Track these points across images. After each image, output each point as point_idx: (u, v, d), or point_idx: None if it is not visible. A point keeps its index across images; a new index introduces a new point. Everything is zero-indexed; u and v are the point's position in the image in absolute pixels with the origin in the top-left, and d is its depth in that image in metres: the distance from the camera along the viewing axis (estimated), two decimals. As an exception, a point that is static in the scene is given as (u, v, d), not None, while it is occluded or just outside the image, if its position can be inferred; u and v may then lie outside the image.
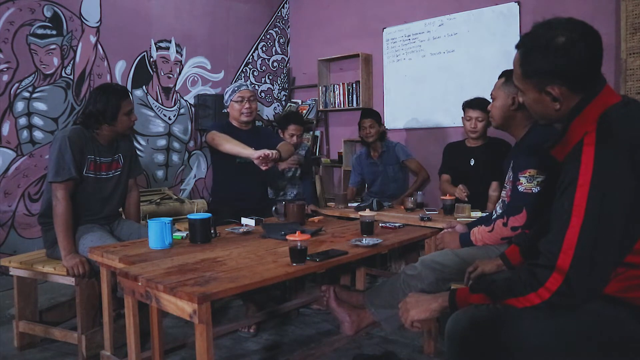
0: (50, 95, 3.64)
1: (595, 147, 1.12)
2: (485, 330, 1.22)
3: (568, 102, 1.23)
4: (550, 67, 1.20)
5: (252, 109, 2.90)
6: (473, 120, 3.03)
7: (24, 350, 2.42)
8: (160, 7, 4.32)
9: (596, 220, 1.09)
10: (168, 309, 1.43)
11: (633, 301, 1.16)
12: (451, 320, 1.28)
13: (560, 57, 1.19)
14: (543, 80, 1.23)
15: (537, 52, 1.23)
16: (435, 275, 1.97)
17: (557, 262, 1.12)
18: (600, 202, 1.09)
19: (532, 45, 1.25)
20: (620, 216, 1.10)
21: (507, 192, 2.01)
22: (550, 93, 1.23)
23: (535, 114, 1.34)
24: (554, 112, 1.25)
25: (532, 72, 1.25)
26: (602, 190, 1.10)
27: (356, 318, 2.03)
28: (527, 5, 3.79)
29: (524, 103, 1.35)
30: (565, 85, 1.21)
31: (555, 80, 1.21)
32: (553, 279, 1.12)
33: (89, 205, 2.41)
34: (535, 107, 1.30)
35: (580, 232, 1.10)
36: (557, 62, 1.19)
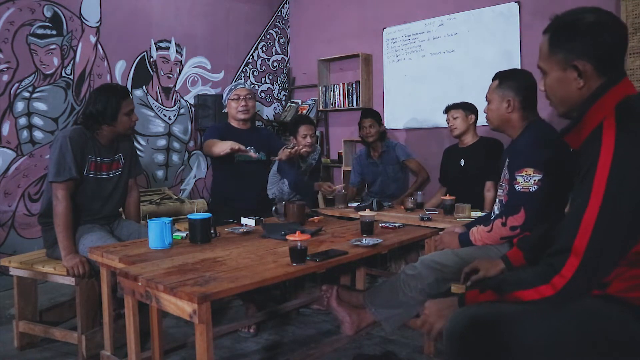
0: (50, 95, 3.64)
1: (616, 130, 1.12)
2: (486, 330, 1.22)
3: (590, 83, 1.23)
4: (579, 42, 1.22)
5: (248, 106, 2.91)
6: (450, 120, 3.18)
7: (24, 350, 2.42)
8: (160, 7, 4.32)
9: (615, 204, 1.09)
10: (168, 309, 1.43)
11: (635, 301, 1.16)
12: (451, 320, 1.28)
13: (590, 34, 1.21)
14: (570, 56, 1.23)
15: (567, 30, 1.25)
16: (435, 275, 1.97)
17: (573, 244, 1.11)
18: (620, 185, 1.08)
19: (563, 24, 1.26)
20: (637, 202, 1.09)
21: (504, 191, 2.01)
22: (576, 67, 1.23)
23: (555, 97, 1.32)
24: (576, 91, 1.25)
25: (559, 47, 1.25)
26: (622, 173, 1.09)
27: (356, 318, 2.03)
28: (527, 5, 3.78)
29: (545, 88, 1.34)
30: (591, 62, 1.21)
31: (583, 56, 1.22)
32: (569, 264, 1.12)
33: (89, 205, 2.41)
34: (556, 88, 1.30)
35: (599, 214, 1.09)
36: (586, 38, 1.21)
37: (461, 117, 3.12)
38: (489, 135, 3.12)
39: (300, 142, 3.32)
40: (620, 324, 1.16)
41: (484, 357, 1.21)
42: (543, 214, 1.86)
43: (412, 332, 2.50)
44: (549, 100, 1.36)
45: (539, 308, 1.21)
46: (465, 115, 3.12)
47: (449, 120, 3.20)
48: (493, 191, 3.04)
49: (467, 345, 1.22)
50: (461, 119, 3.13)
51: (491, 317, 1.23)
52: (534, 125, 1.98)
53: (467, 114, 3.12)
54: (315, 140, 3.62)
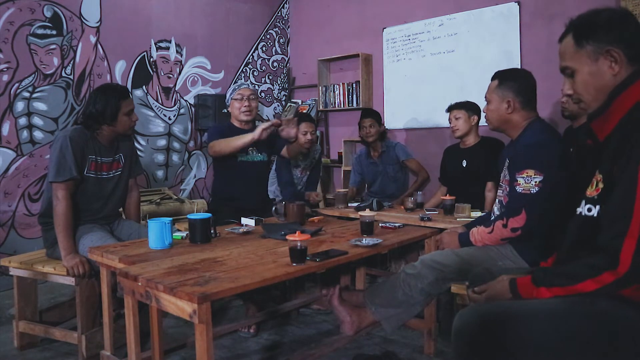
0: (50, 95, 3.64)
1: None
2: (494, 328, 1.21)
3: (622, 70, 1.25)
4: (607, 31, 1.25)
5: (251, 107, 2.91)
6: (452, 120, 3.16)
7: (24, 350, 2.42)
8: (160, 7, 4.32)
9: None
10: (168, 309, 1.43)
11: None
12: (459, 318, 1.27)
13: (614, 24, 1.25)
14: (602, 45, 1.26)
15: (591, 24, 1.28)
16: (435, 274, 1.97)
17: (629, 227, 1.11)
18: None
19: (584, 21, 1.30)
20: None
21: (504, 192, 2.01)
22: (610, 54, 1.25)
23: (589, 93, 1.31)
24: (612, 79, 1.26)
25: (588, 40, 1.27)
26: None
27: (357, 318, 2.03)
28: (527, 5, 3.78)
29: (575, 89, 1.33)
30: (623, 49, 1.24)
31: (614, 43, 1.25)
32: (627, 247, 1.12)
33: (89, 205, 2.41)
34: (590, 82, 1.29)
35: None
36: (612, 27, 1.25)
37: (464, 117, 3.10)
38: (489, 135, 3.12)
39: (301, 139, 3.41)
40: (633, 325, 1.15)
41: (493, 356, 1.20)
42: (544, 215, 1.86)
43: (412, 332, 2.50)
44: (579, 101, 1.35)
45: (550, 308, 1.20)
46: (468, 116, 3.10)
47: (451, 120, 3.17)
48: (494, 191, 3.04)
49: (476, 345, 1.22)
50: (463, 120, 3.10)
51: (500, 317, 1.22)
52: (535, 126, 1.97)
53: (470, 115, 3.10)
54: (315, 138, 3.66)
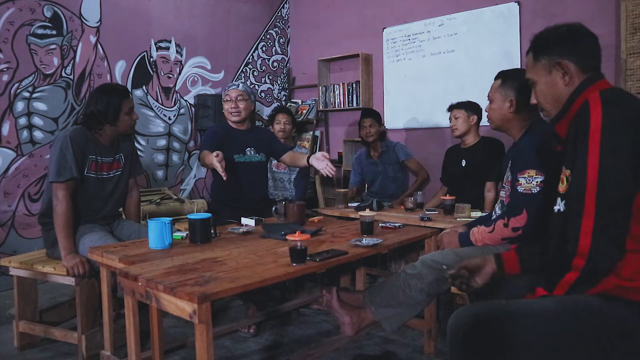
0: (50, 95, 3.64)
1: (601, 99, 1.24)
2: (488, 327, 1.22)
3: (575, 79, 1.38)
4: (560, 45, 1.40)
5: (239, 108, 2.90)
6: (452, 120, 3.17)
7: (24, 350, 2.42)
8: (160, 7, 4.32)
9: (612, 160, 1.18)
10: (168, 309, 1.43)
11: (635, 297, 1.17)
12: (453, 318, 1.29)
13: (568, 38, 1.40)
14: (554, 57, 1.40)
15: (547, 38, 1.43)
16: (436, 274, 1.97)
17: (584, 206, 1.19)
18: (614, 143, 1.18)
19: (542, 36, 1.45)
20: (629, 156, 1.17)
21: (507, 193, 2.01)
22: (561, 65, 1.38)
23: (547, 101, 1.45)
24: (565, 88, 1.39)
25: (543, 54, 1.42)
26: (614, 131, 1.19)
27: (357, 319, 2.03)
28: (527, 5, 3.79)
29: (537, 98, 1.49)
30: (573, 61, 1.38)
31: (564, 55, 1.38)
32: (585, 227, 1.18)
33: (90, 205, 2.41)
34: (547, 91, 1.44)
35: (599, 170, 1.18)
36: (564, 41, 1.40)
37: (463, 117, 3.12)
38: (490, 135, 3.12)
39: (276, 130, 3.67)
40: (621, 321, 1.17)
41: (487, 355, 1.21)
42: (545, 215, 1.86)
43: (412, 332, 2.50)
44: (542, 109, 1.51)
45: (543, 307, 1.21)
46: (468, 116, 3.11)
47: (450, 120, 3.19)
48: (493, 191, 3.04)
49: (470, 343, 1.23)
50: (462, 120, 3.12)
51: (494, 315, 1.24)
52: (536, 127, 1.97)
53: (469, 115, 3.11)
54: (290, 128, 3.73)
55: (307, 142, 5.10)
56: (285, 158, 3.01)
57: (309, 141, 5.09)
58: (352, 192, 3.84)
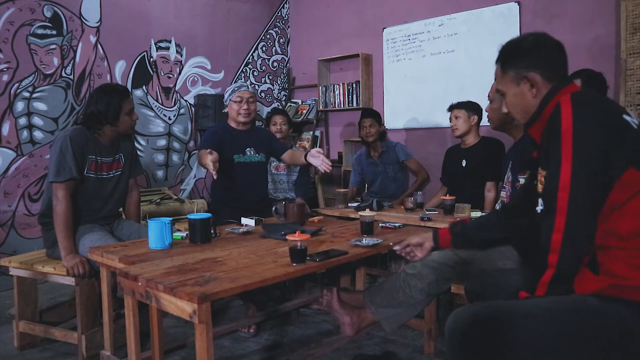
0: (50, 95, 3.64)
1: (572, 101, 1.27)
2: (486, 327, 1.22)
3: (542, 89, 1.40)
4: (525, 58, 1.42)
5: (250, 110, 2.90)
6: (452, 120, 3.17)
7: (24, 350, 2.42)
8: (160, 7, 4.32)
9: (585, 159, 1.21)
10: (168, 309, 1.43)
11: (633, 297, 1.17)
12: (451, 317, 1.29)
13: (533, 49, 1.42)
14: (520, 70, 1.42)
15: (513, 51, 1.46)
16: (436, 274, 1.96)
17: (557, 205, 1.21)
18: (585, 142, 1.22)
19: (508, 49, 1.48)
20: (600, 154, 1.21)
21: (507, 193, 2.01)
22: (527, 79, 1.41)
23: (516, 111, 1.49)
24: (532, 100, 1.42)
25: (510, 66, 1.45)
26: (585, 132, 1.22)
27: (357, 319, 2.03)
28: (527, 5, 3.79)
29: (506, 108, 1.52)
30: (539, 72, 1.40)
31: (531, 68, 1.41)
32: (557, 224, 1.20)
33: (89, 205, 2.41)
34: (515, 102, 1.47)
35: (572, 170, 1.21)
36: (530, 53, 1.42)
37: (463, 117, 3.12)
38: (490, 135, 3.12)
39: (273, 130, 3.65)
40: (619, 320, 1.17)
41: (486, 355, 1.21)
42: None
43: (412, 332, 2.50)
44: (513, 119, 1.54)
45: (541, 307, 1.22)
46: (468, 116, 3.11)
47: (451, 120, 3.19)
48: (494, 191, 3.04)
49: (469, 344, 1.23)
50: (463, 120, 3.12)
51: (492, 316, 1.24)
52: None
53: (470, 115, 3.12)
54: (287, 129, 3.74)
55: (307, 142, 5.10)
56: (285, 157, 3.01)
57: (309, 141, 5.09)
58: (352, 192, 3.84)
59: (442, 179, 3.45)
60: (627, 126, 1.27)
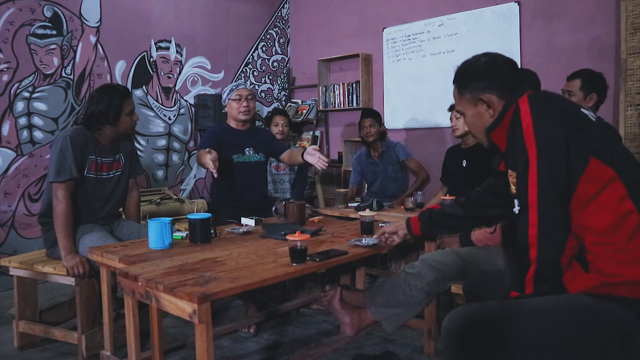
0: (50, 95, 3.64)
1: (529, 101, 1.32)
2: (483, 328, 1.22)
3: (498, 108, 1.45)
4: (479, 80, 1.47)
5: (249, 107, 2.90)
6: (453, 120, 3.15)
7: (24, 350, 2.42)
8: (160, 7, 4.32)
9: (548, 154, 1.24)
10: (168, 309, 1.43)
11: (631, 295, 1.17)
12: (448, 319, 1.29)
13: (486, 71, 1.48)
14: (476, 93, 1.48)
15: (467, 74, 1.52)
16: (436, 274, 1.97)
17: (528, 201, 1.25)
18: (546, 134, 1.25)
19: (462, 70, 1.53)
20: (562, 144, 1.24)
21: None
22: (483, 100, 1.46)
23: (477, 131, 1.55)
24: (489, 119, 1.47)
25: (465, 89, 1.50)
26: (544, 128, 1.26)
27: (357, 319, 2.03)
28: (527, 5, 3.78)
29: (467, 127, 1.61)
30: (494, 92, 1.45)
31: (486, 89, 1.46)
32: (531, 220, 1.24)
33: (89, 205, 2.41)
34: (475, 122, 1.53)
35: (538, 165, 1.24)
36: (483, 75, 1.47)
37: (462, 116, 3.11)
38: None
39: (273, 130, 3.65)
40: (614, 319, 1.17)
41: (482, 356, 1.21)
42: None
43: (412, 332, 2.50)
44: (474, 136, 1.61)
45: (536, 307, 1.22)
46: None
47: (451, 120, 3.18)
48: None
49: (465, 344, 1.23)
50: (463, 120, 3.11)
51: (489, 316, 1.24)
52: None
53: None
54: (288, 130, 3.73)
55: (307, 142, 5.10)
56: (284, 157, 3.01)
57: (309, 141, 5.09)
58: (352, 192, 3.84)
59: (442, 179, 3.45)
60: (585, 119, 1.31)
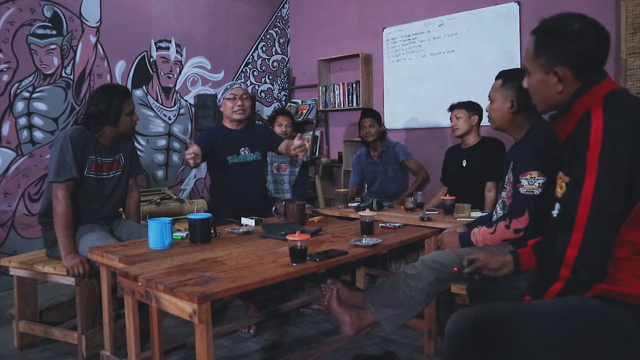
0: (50, 95, 3.64)
1: (603, 110, 1.20)
2: (488, 330, 1.22)
3: (570, 87, 1.31)
4: (561, 49, 1.30)
5: (244, 106, 2.87)
6: (453, 120, 3.17)
7: (24, 350, 2.42)
8: (160, 7, 4.32)
9: (609, 175, 1.16)
10: (168, 309, 1.43)
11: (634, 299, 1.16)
12: (452, 321, 1.28)
13: (572, 43, 1.29)
14: (552, 61, 1.31)
15: (552, 35, 1.33)
16: (436, 274, 1.97)
17: (575, 218, 1.17)
18: (612, 157, 1.16)
19: (548, 29, 1.34)
20: (626, 173, 1.15)
21: (508, 194, 2.01)
22: (557, 73, 1.31)
23: (536, 96, 1.41)
24: (556, 94, 1.33)
25: (543, 52, 1.33)
26: (613, 146, 1.16)
27: (356, 318, 2.03)
28: (527, 5, 3.79)
29: (528, 86, 1.42)
30: (571, 69, 1.29)
31: (564, 62, 1.30)
32: (574, 240, 1.17)
33: (89, 205, 2.41)
34: (538, 88, 1.38)
35: (596, 185, 1.16)
36: (568, 46, 1.29)
37: (464, 117, 3.12)
38: (491, 135, 3.12)
39: (276, 130, 3.59)
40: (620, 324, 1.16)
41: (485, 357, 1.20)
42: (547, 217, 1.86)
43: (412, 332, 2.50)
44: (532, 97, 1.44)
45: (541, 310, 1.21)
46: (469, 116, 3.12)
47: (452, 120, 3.19)
48: (494, 191, 3.04)
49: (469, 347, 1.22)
50: (464, 120, 3.12)
51: (493, 319, 1.23)
52: (538, 127, 1.97)
53: (470, 115, 3.12)
54: (291, 130, 3.72)
55: (307, 142, 5.10)
56: (282, 147, 2.98)
57: (309, 141, 5.09)
58: (352, 192, 3.84)
59: (442, 179, 3.46)
60: None
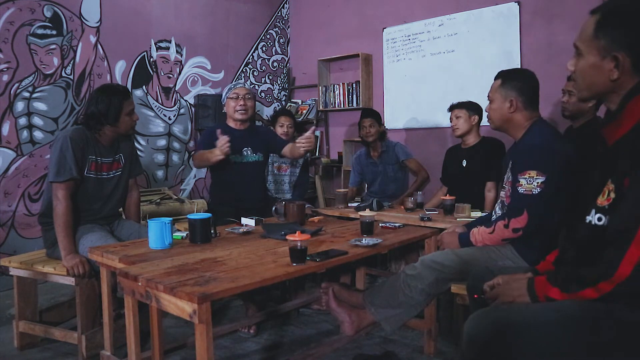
0: (50, 95, 3.64)
1: None
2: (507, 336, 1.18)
3: (623, 78, 1.20)
4: (627, 33, 1.18)
5: (247, 106, 2.89)
6: (453, 119, 3.17)
7: (24, 350, 2.42)
8: (160, 7, 4.32)
9: None
10: (168, 309, 1.43)
11: None
12: (470, 322, 1.25)
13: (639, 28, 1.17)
14: (613, 45, 1.19)
15: (618, 17, 1.20)
16: (435, 275, 1.97)
17: (635, 236, 1.08)
18: None
19: (615, 9, 1.22)
20: None
21: (507, 193, 2.01)
22: (617, 59, 1.19)
23: (583, 81, 1.29)
24: (607, 82, 1.22)
25: (605, 34, 1.20)
26: None
27: (356, 318, 2.03)
28: (527, 5, 3.78)
29: (574, 69, 1.30)
30: (631, 57, 1.18)
31: (626, 48, 1.18)
32: (629, 255, 1.09)
33: (89, 205, 2.41)
34: (588, 73, 1.26)
35: None
36: (634, 31, 1.17)
37: (464, 117, 3.12)
38: (491, 135, 3.13)
39: (278, 130, 3.58)
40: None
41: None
42: (546, 216, 1.86)
43: (412, 332, 2.50)
44: (574, 80, 1.32)
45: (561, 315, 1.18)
46: (469, 116, 3.12)
47: (452, 119, 3.19)
48: (494, 191, 3.04)
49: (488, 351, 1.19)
50: (464, 120, 3.12)
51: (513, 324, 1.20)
52: (537, 127, 1.97)
53: (470, 115, 3.12)
54: (293, 131, 3.71)
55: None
56: (286, 151, 2.99)
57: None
58: (352, 192, 3.84)
59: (442, 179, 3.46)
60: None
